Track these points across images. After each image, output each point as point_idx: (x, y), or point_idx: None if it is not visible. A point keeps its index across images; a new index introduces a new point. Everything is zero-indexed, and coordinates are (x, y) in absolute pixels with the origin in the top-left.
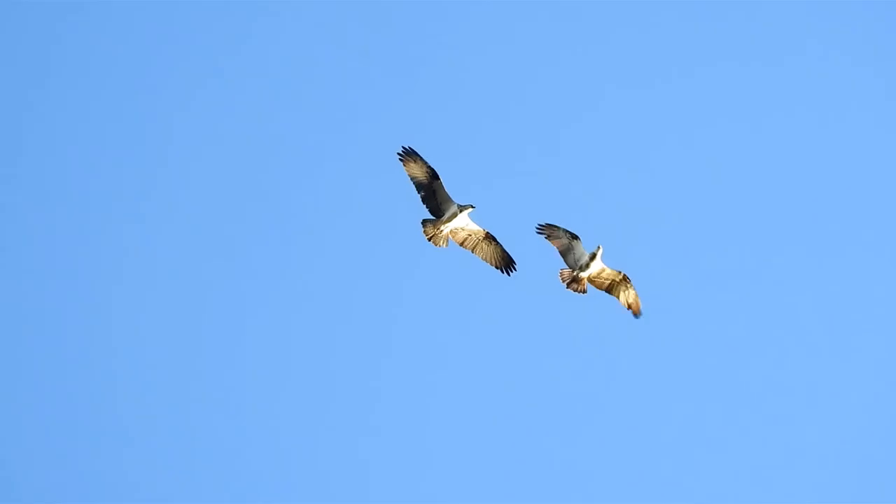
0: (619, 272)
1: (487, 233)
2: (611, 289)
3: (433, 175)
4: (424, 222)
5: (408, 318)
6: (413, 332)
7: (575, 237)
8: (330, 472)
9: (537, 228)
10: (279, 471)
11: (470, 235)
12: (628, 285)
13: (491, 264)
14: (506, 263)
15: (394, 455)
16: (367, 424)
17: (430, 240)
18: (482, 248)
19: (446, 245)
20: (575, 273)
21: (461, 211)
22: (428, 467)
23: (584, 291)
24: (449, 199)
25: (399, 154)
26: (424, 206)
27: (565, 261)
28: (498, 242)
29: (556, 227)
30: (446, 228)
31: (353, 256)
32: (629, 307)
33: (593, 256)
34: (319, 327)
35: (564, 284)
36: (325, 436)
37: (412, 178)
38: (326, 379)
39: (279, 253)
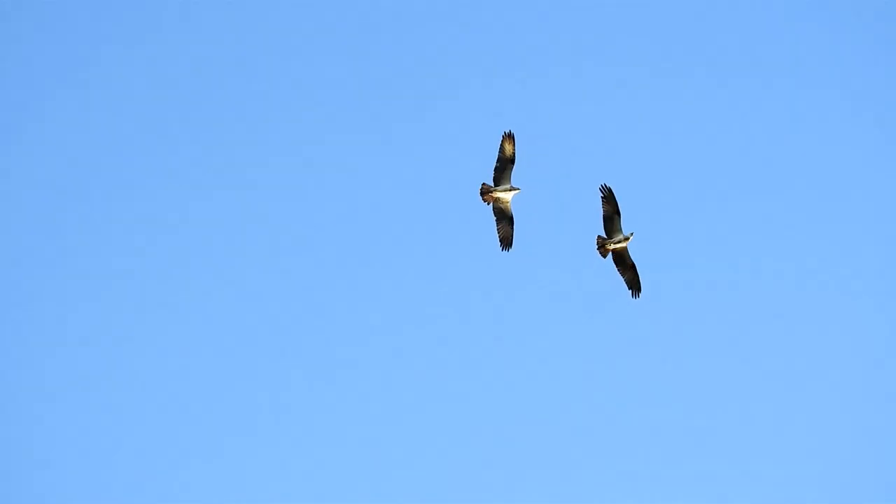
0: (628, 237)
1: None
2: (620, 259)
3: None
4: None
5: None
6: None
7: (618, 213)
8: (329, 472)
9: (603, 188)
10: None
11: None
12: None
13: (499, 237)
14: (507, 243)
15: (394, 455)
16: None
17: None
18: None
19: (489, 204)
20: (606, 242)
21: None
22: (429, 467)
23: (605, 256)
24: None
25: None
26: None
27: (604, 226)
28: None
29: (613, 196)
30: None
31: (349, 257)
32: (627, 279)
33: (626, 239)
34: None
35: (596, 246)
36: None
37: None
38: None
39: (275, 258)
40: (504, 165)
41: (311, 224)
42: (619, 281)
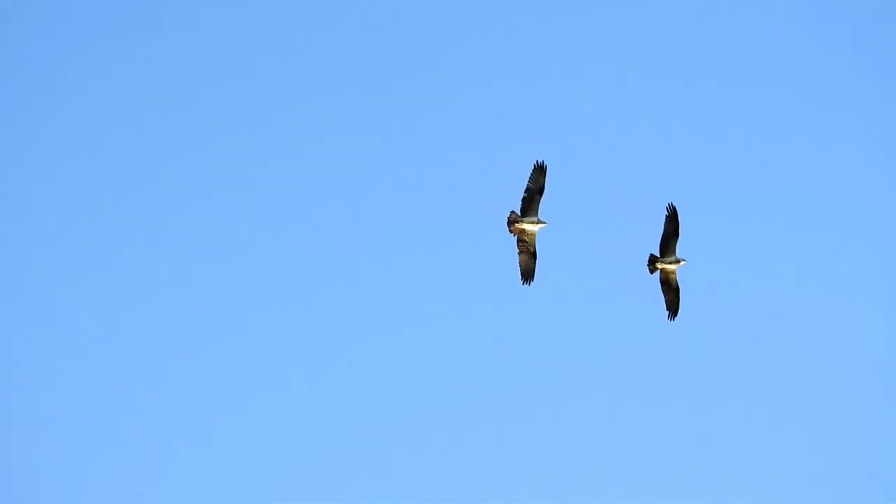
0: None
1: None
2: (665, 281)
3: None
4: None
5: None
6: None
7: (677, 234)
8: (332, 471)
9: (668, 206)
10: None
11: (526, 241)
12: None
13: (520, 270)
14: (528, 276)
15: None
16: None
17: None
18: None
19: (514, 234)
20: (657, 260)
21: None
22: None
23: (652, 273)
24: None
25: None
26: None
27: (660, 244)
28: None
29: (677, 217)
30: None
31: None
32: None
33: (677, 261)
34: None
35: (647, 262)
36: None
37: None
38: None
39: (277, 257)
40: (532, 196)
41: (311, 224)
42: (620, 281)
